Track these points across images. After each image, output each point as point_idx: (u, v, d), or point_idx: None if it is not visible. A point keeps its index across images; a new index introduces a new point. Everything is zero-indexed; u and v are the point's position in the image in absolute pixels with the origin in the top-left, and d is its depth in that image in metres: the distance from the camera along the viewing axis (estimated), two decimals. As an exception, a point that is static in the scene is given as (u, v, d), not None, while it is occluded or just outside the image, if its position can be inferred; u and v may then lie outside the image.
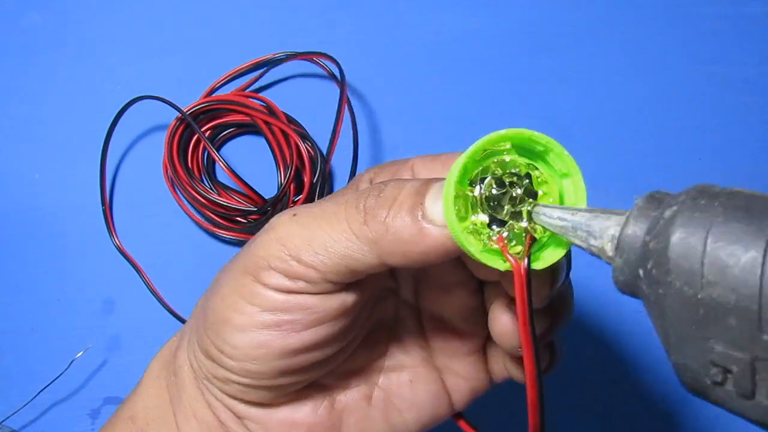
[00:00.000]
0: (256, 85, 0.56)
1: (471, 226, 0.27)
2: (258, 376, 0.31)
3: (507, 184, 0.27)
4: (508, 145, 0.28)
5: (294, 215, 0.31)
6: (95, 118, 0.55)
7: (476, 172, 0.27)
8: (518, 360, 0.33)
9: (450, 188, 0.26)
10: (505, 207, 0.27)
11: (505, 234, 0.27)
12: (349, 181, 0.53)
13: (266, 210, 0.52)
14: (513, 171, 0.28)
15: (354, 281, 0.31)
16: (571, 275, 0.32)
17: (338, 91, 0.52)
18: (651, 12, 0.60)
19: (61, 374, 0.49)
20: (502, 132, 0.28)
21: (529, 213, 0.27)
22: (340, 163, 0.54)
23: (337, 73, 0.53)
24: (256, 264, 0.31)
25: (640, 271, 0.23)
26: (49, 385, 0.49)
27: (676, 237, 0.21)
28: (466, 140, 0.61)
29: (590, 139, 0.57)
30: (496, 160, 0.28)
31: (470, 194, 0.27)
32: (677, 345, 0.22)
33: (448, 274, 0.35)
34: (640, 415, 0.52)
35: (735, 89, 0.58)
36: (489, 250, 0.27)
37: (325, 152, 0.52)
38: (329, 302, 0.31)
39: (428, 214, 0.28)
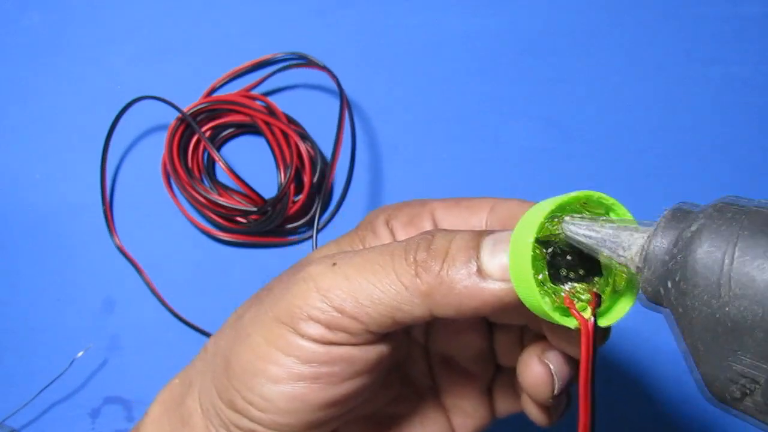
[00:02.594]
0: (255, 81, 0.56)
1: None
2: (287, 429, 0.30)
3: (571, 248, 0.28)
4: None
5: (334, 264, 0.30)
6: (95, 118, 0.55)
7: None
8: (543, 407, 0.34)
9: (529, 247, 0.26)
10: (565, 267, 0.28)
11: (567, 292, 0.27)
12: (347, 184, 0.53)
13: (266, 210, 0.52)
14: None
15: (390, 333, 0.31)
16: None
17: (337, 91, 0.52)
18: (651, 12, 0.60)
19: (61, 374, 0.49)
20: (574, 194, 0.27)
21: (562, 231, 0.27)
22: (340, 163, 0.54)
23: (336, 81, 0.53)
24: (292, 314, 0.30)
25: (668, 283, 0.23)
26: (49, 384, 0.49)
27: (702, 250, 0.22)
28: (466, 140, 0.61)
29: (590, 139, 0.57)
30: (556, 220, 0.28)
31: (538, 252, 0.27)
32: (705, 356, 0.22)
33: (462, 318, 0.35)
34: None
35: (735, 89, 0.58)
36: (558, 308, 0.27)
37: (328, 156, 0.52)
38: (369, 353, 0.30)
39: (486, 268, 0.28)
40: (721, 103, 0.58)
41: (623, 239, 0.25)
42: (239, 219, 0.53)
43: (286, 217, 0.53)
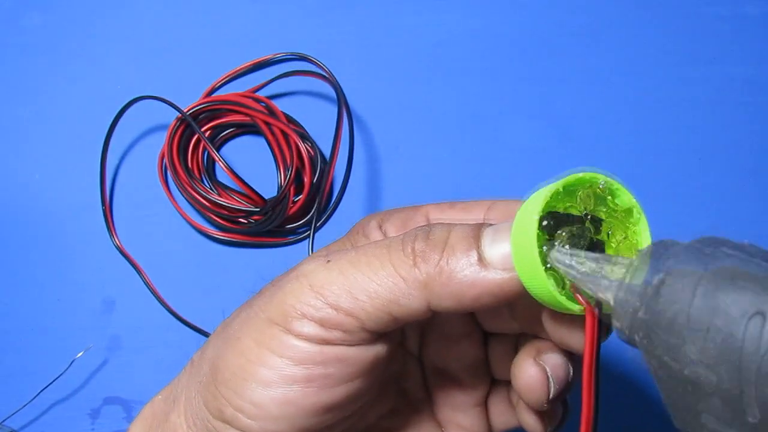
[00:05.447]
0: (256, 86, 0.56)
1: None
2: None
3: (580, 227, 0.27)
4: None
5: (328, 261, 0.29)
6: (95, 118, 0.55)
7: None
8: (539, 414, 0.32)
9: (534, 224, 0.26)
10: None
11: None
12: (344, 185, 0.53)
13: (267, 211, 0.52)
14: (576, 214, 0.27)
15: (386, 332, 0.29)
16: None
17: (336, 91, 0.52)
18: (651, 12, 0.60)
19: (61, 374, 0.49)
20: (580, 175, 0.27)
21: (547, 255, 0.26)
22: (338, 163, 0.54)
23: (334, 80, 0.53)
24: (285, 313, 0.28)
25: (635, 337, 0.22)
26: (49, 384, 0.49)
27: (660, 308, 0.21)
28: (466, 140, 0.61)
29: (590, 139, 0.57)
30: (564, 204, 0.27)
31: (541, 235, 0.26)
32: (675, 412, 0.21)
33: (456, 325, 0.34)
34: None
35: (735, 89, 0.58)
36: (562, 294, 0.26)
37: (327, 155, 0.52)
38: (365, 354, 0.29)
39: (487, 256, 0.27)
40: (721, 103, 0.58)
41: (600, 281, 0.24)
42: (239, 219, 0.53)
43: (286, 218, 0.53)
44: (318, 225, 0.54)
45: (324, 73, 0.54)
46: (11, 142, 0.56)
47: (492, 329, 0.34)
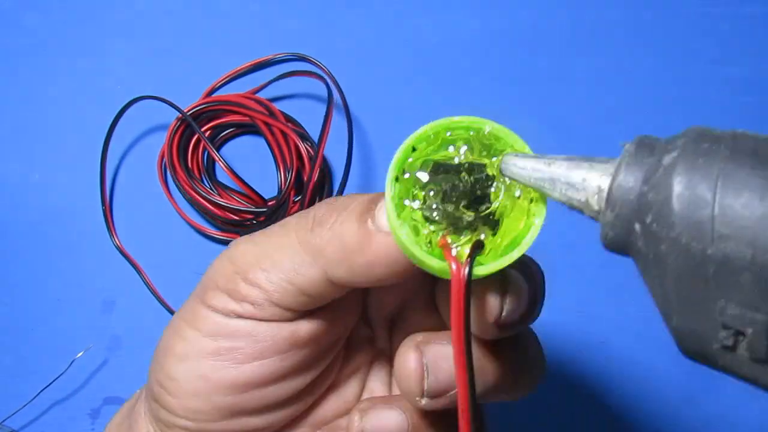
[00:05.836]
0: (256, 86, 0.56)
1: (412, 224, 0.24)
2: (200, 416, 0.28)
3: (458, 179, 0.25)
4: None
5: (252, 234, 0.29)
6: (95, 118, 0.55)
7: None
8: (422, 413, 0.29)
9: (389, 179, 0.24)
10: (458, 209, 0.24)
11: (449, 237, 0.24)
12: (343, 184, 0.53)
13: (268, 213, 0.52)
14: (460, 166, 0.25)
15: (308, 311, 0.28)
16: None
17: (337, 91, 0.52)
18: (651, 12, 0.60)
19: (61, 374, 0.49)
20: (442, 121, 0.25)
21: (498, 169, 0.24)
22: (337, 163, 0.54)
23: (330, 77, 0.53)
24: (204, 285, 0.28)
25: (637, 226, 0.20)
26: (49, 385, 0.49)
27: (681, 186, 0.19)
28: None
29: (589, 139, 0.57)
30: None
31: (413, 188, 0.24)
32: (681, 308, 0.19)
33: (423, 319, 0.32)
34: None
35: (735, 89, 0.58)
36: (431, 251, 0.24)
37: (328, 156, 0.52)
38: (277, 330, 0.28)
39: (377, 219, 0.25)
40: (721, 103, 0.58)
41: (575, 178, 0.22)
42: (239, 219, 0.53)
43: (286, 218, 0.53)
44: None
45: (323, 74, 0.54)
46: (11, 142, 0.56)
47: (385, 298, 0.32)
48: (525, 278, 0.26)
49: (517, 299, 0.26)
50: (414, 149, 0.25)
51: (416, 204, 0.24)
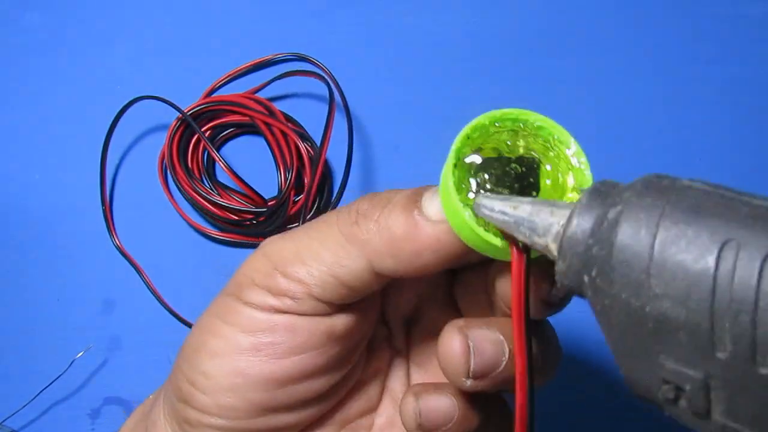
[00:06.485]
0: (256, 86, 0.56)
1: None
2: (234, 414, 0.28)
3: (508, 167, 0.26)
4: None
5: (287, 232, 0.29)
6: (95, 118, 0.55)
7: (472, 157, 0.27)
8: (467, 399, 0.30)
9: (447, 169, 0.26)
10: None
11: None
12: (344, 185, 0.53)
13: (268, 213, 0.52)
14: (512, 157, 0.27)
15: (344, 305, 0.29)
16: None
17: (337, 92, 0.52)
18: (651, 12, 0.60)
19: (61, 374, 0.49)
20: (499, 112, 0.27)
21: (471, 207, 0.25)
22: (337, 164, 0.54)
23: (331, 78, 0.53)
24: (238, 282, 0.29)
25: (585, 278, 0.20)
26: (49, 385, 0.49)
27: (620, 242, 0.19)
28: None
29: (590, 139, 0.57)
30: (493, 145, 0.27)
31: (468, 175, 0.26)
32: (627, 358, 0.20)
33: (440, 316, 0.33)
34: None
35: (735, 89, 0.58)
36: (489, 232, 0.25)
37: (328, 156, 0.52)
38: (315, 325, 0.28)
39: (424, 210, 0.27)
40: (721, 103, 0.58)
41: (538, 223, 0.22)
42: (239, 219, 0.53)
43: (286, 218, 0.53)
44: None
45: (323, 74, 0.54)
46: (11, 142, 0.56)
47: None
48: None
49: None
50: (468, 138, 0.27)
51: (474, 187, 0.26)
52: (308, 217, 0.53)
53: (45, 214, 0.54)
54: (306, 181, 0.52)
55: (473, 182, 0.26)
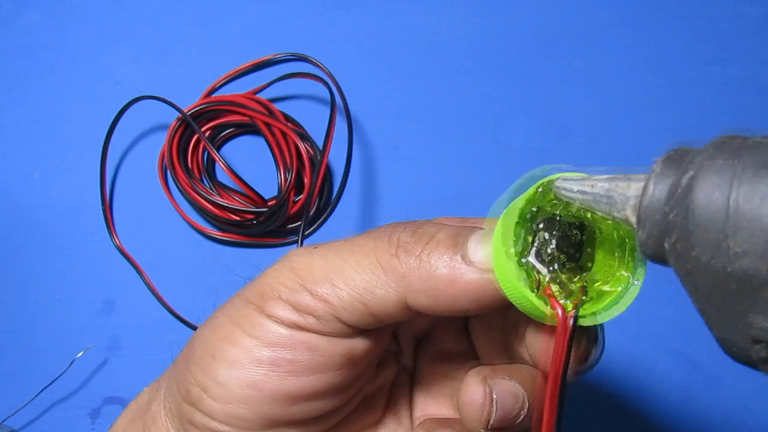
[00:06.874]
0: (256, 86, 0.56)
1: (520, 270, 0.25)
2: (242, 424, 0.28)
3: (559, 231, 0.26)
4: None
5: (315, 248, 0.29)
6: (95, 118, 0.55)
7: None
8: None
9: (511, 221, 0.25)
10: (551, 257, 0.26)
11: (552, 284, 0.25)
12: (343, 185, 0.53)
13: (268, 214, 0.52)
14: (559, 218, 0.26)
15: (365, 330, 0.28)
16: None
17: (336, 92, 0.52)
18: (651, 12, 0.60)
19: (61, 374, 0.49)
20: (553, 176, 0.26)
21: (553, 193, 0.25)
22: (336, 163, 0.54)
23: (331, 78, 0.53)
24: (262, 293, 0.28)
25: (665, 245, 0.20)
26: (49, 385, 0.49)
27: (695, 206, 0.19)
28: (466, 140, 0.61)
29: (590, 139, 0.57)
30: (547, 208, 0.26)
31: (521, 238, 0.26)
32: (717, 320, 0.19)
33: (451, 341, 0.33)
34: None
35: (735, 89, 0.58)
36: (539, 298, 0.25)
37: (328, 156, 0.52)
38: (336, 346, 0.28)
39: (470, 256, 0.26)
40: (721, 103, 0.58)
41: (615, 197, 0.22)
42: (239, 219, 0.53)
43: (286, 218, 0.53)
44: (310, 225, 0.54)
45: (323, 74, 0.54)
46: (11, 142, 0.56)
47: (485, 355, 0.33)
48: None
49: (598, 346, 0.28)
50: (534, 195, 0.26)
51: (533, 253, 0.26)
52: (309, 216, 0.53)
53: (45, 214, 0.54)
54: (306, 181, 0.52)
55: (534, 249, 0.26)
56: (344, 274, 0.27)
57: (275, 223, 0.52)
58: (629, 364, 0.53)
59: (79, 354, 0.50)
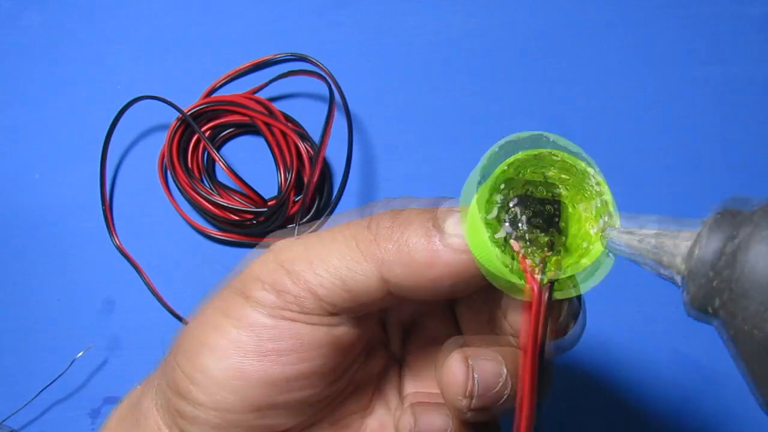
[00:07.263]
0: (256, 86, 0.56)
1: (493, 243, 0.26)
2: (231, 412, 0.28)
3: (533, 204, 0.26)
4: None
5: (298, 237, 0.29)
6: (95, 118, 0.55)
7: (499, 189, 0.26)
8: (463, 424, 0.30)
9: (483, 192, 0.26)
10: (527, 230, 0.26)
11: (528, 259, 0.26)
12: (343, 184, 0.53)
13: (268, 214, 0.52)
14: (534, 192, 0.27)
15: (350, 317, 0.29)
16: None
17: (337, 91, 0.52)
18: (651, 12, 0.60)
19: (61, 374, 0.49)
20: (532, 151, 0.26)
21: (600, 237, 0.26)
22: (337, 163, 0.54)
23: (331, 78, 0.53)
24: (246, 282, 0.29)
25: (716, 301, 0.20)
26: (49, 384, 0.49)
27: (740, 274, 0.19)
28: (465, 140, 0.61)
29: (590, 139, 0.57)
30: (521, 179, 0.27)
31: (493, 211, 0.26)
32: (760, 383, 0.20)
33: (439, 328, 0.33)
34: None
35: (735, 89, 0.58)
36: (512, 271, 0.25)
37: (326, 155, 0.52)
38: (321, 334, 0.28)
39: (447, 238, 0.27)
40: (721, 103, 0.58)
41: (662, 255, 0.22)
42: (239, 219, 0.53)
43: (286, 218, 0.53)
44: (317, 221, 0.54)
45: (323, 74, 0.54)
46: (11, 142, 0.56)
47: (473, 341, 0.33)
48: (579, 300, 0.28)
49: (577, 324, 0.28)
50: (503, 172, 0.27)
51: (507, 227, 0.26)
52: (308, 216, 0.53)
53: (45, 214, 0.54)
54: (306, 180, 0.52)
55: (506, 223, 0.26)
56: (325, 260, 0.28)
57: (275, 223, 0.52)
58: (629, 364, 0.53)
59: (79, 354, 0.50)
